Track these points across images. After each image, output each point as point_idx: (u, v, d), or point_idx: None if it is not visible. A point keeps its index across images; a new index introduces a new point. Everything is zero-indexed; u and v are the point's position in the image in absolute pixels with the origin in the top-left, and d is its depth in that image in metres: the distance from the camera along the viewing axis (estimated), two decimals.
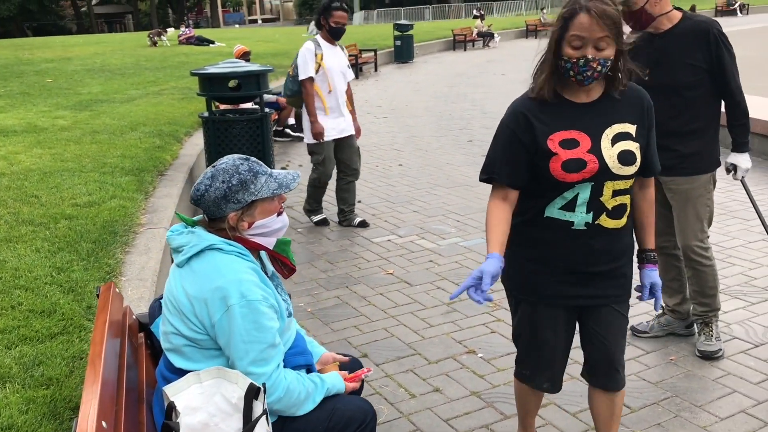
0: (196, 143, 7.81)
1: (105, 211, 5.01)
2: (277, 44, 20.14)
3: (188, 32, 24.34)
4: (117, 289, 2.41)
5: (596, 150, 2.19)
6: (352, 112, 5.85)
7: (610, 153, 2.19)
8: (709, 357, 3.54)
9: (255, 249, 2.15)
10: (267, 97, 7.63)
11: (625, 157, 2.21)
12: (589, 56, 2.11)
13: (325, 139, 5.65)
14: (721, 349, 3.57)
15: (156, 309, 2.37)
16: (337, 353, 2.49)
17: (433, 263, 5.04)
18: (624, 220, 2.30)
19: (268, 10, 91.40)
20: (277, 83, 12.77)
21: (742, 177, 3.47)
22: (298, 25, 52.82)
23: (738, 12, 34.13)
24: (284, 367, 2.11)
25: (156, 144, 7.37)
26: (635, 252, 2.44)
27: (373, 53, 19.27)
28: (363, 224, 5.94)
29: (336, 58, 5.64)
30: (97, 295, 2.35)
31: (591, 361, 2.49)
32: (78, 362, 2.98)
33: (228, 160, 2.11)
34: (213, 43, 22.07)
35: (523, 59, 20.65)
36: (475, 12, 35.81)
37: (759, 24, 31.88)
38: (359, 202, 6.62)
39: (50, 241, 4.37)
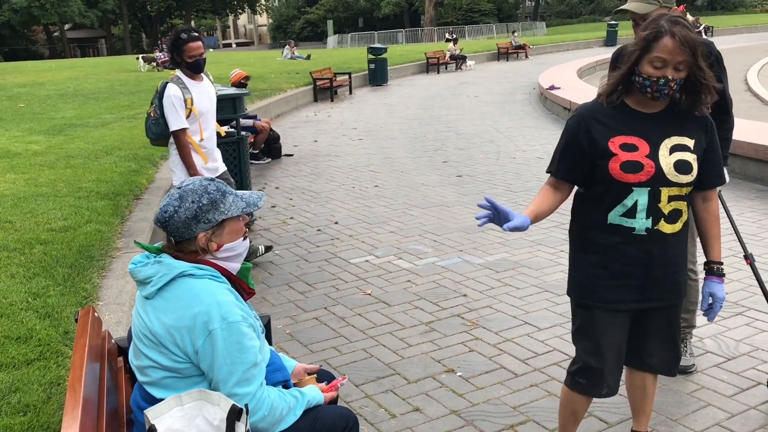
0: None
1: (81, 236, 4.98)
2: (252, 68, 20.18)
3: (162, 56, 24.32)
4: (96, 314, 2.40)
5: (654, 156, 2.35)
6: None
7: (667, 161, 2.35)
8: (683, 372, 3.60)
9: (222, 273, 2.15)
10: (243, 121, 7.65)
11: (681, 166, 2.35)
12: (669, 77, 2.28)
13: None
14: (694, 365, 3.64)
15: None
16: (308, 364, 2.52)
17: (410, 283, 5.07)
18: (679, 225, 2.43)
19: (242, 35, 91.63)
20: (252, 106, 12.80)
21: (719, 191, 3.56)
22: (273, 49, 53.00)
23: (703, 34, 35.01)
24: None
25: (131, 168, 7.34)
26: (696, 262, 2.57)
27: (347, 76, 19.40)
28: (269, 249, 5.64)
29: (205, 95, 4.90)
30: (76, 320, 2.35)
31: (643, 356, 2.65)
32: (56, 388, 2.95)
33: (195, 181, 2.12)
34: None
35: (495, 81, 20.92)
36: (447, 35, 36.27)
37: (723, 45, 32.63)
38: (336, 223, 6.65)
39: (25, 266, 4.34)
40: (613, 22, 37.95)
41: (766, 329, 4.05)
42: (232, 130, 6.30)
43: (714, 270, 2.51)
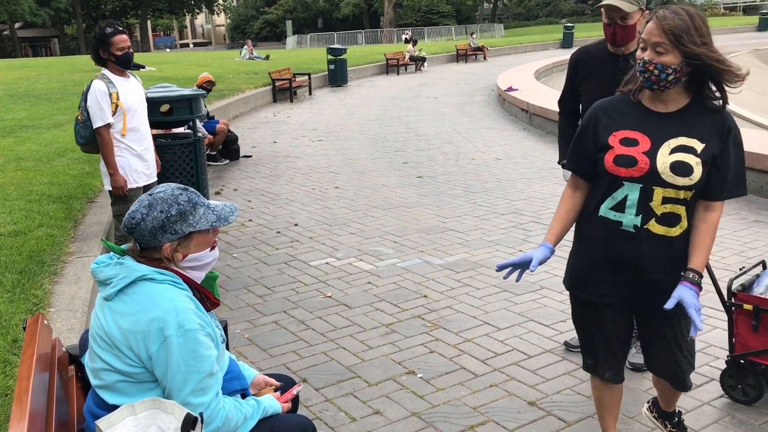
0: None
1: (31, 240, 4.84)
2: (209, 68, 19.94)
3: None
4: (46, 321, 2.33)
5: (652, 153, 2.30)
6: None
7: (664, 159, 2.29)
8: (640, 369, 3.65)
9: (184, 281, 2.12)
10: (200, 126, 7.55)
11: (679, 167, 2.27)
12: (646, 58, 2.24)
13: (131, 186, 4.74)
14: None
15: (87, 340, 2.30)
16: (270, 375, 2.48)
17: (371, 285, 5.05)
18: (677, 230, 2.35)
19: (200, 34, 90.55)
20: (210, 107, 12.63)
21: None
22: (231, 49, 52.49)
23: None
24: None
25: (85, 170, 7.18)
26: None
27: (307, 77, 19.29)
28: None
29: (132, 91, 4.75)
30: (24, 328, 2.27)
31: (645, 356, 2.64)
32: (2, 399, 2.85)
33: (167, 189, 2.07)
34: (143, 67, 21.68)
35: (454, 83, 21.05)
36: (405, 36, 36.34)
37: None
38: (296, 225, 6.60)
39: None
40: (569, 24, 38.52)
41: (719, 326, 4.13)
42: (189, 131, 6.20)
43: (689, 277, 2.31)
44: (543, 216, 6.67)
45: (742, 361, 3.31)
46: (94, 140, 4.65)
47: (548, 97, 13.01)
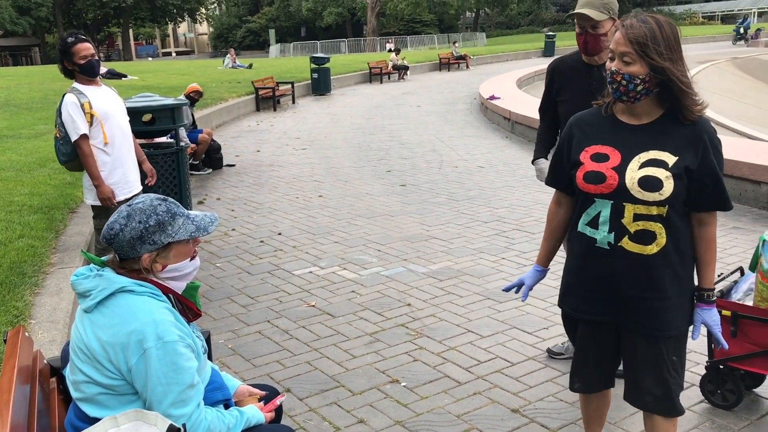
0: None
1: (12, 252, 4.80)
2: (192, 77, 19.89)
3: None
4: (27, 333, 2.31)
5: (621, 168, 2.25)
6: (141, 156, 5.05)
7: (632, 174, 2.23)
8: (620, 376, 3.67)
9: (165, 292, 2.11)
10: (182, 133, 7.52)
11: (648, 182, 2.20)
12: (614, 68, 2.21)
13: (119, 198, 4.66)
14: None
15: (68, 353, 2.29)
16: (254, 385, 2.48)
17: (355, 294, 5.05)
18: (653, 248, 2.26)
19: (182, 43, 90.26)
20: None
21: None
22: (213, 58, 52.38)
23: None
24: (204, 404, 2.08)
25: (66, 180, 7.13)
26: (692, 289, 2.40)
27: (290, 85, 19.29)
28: None
29: (105, 99, 4.62)
30: (5, 341, 2.25)
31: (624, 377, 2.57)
32: None
33: (145, 200, 2.07)
34: (125, 76, 21.58)
35: (438, 91, 21.14)
36: (389, 45, 36.45)
37: None
38: (279, 234, 6.59)
39: None
40: (551, 33, 38.83)
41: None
42: (171, 140, 6.19)
43: (703, 297, 2.35)
44: (526, 224, 6.72)
45: (721, 367, 3.35)
46: (76, 156, 4.55)
47: (530, 105, 13.11)
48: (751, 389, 3.50)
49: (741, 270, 3.58)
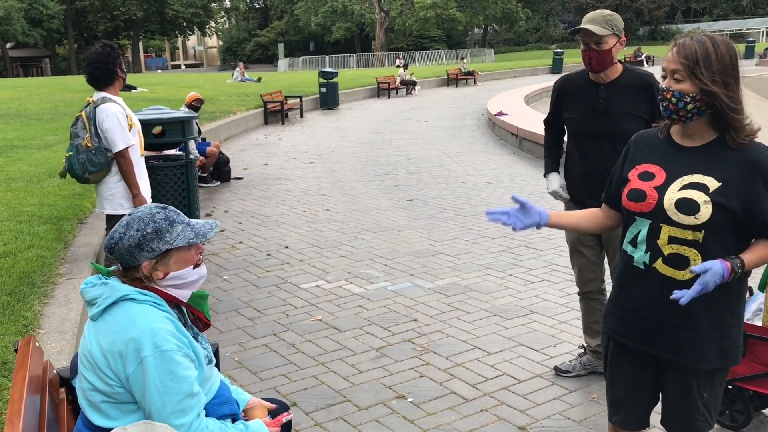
0: None
1: (21, 262, 4.82)
2: (201, 90, 20.00)
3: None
4: (37, 343, 2.33)
5: (662, 188, 2.18)
6: None
7: (671, 195, 2.15)
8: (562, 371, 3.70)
9: (170, 301, 2.12)
10: (192, 145, 7.57)
11: (684, 204, 2.11)
12: (664, 86, 2.14)
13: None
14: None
15: (77, 363, 2.30)
16: (262, 399, 2.47)
17: (361, 308, 5.05)
18: (686, 273, 2.15)
19: (192, 56, 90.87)
20: (201, 129, 12.65)
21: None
22: (222, 71, 52.69)
23: (645, 63, 36.17)
24: (208, 416, 2.08)
25: (76, 191, 7.17)
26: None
27: (298, 99, 19.39)
28: None
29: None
30: (15, 350, 2.27)
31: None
32: None
33: (144, 209, 2.10)
34: (135, 88, 21.73)
35: (445, 107, 21.20)
36: (398, 61, 36.64)
37: None
38: (286, 247, 6.60)
39: None
40: (559, 50, 38.96)
41: None
42: (181, 153, 6.23)
43: (731, 258, 2.10)
44: (533, 240, 6.71)
45: (729, 387, 3.33)
46: (104, 167, 4.53)
47: (538, 121, 13.13)
48: (760, 410, 3.48)
49: (750, 290, 3.57)
